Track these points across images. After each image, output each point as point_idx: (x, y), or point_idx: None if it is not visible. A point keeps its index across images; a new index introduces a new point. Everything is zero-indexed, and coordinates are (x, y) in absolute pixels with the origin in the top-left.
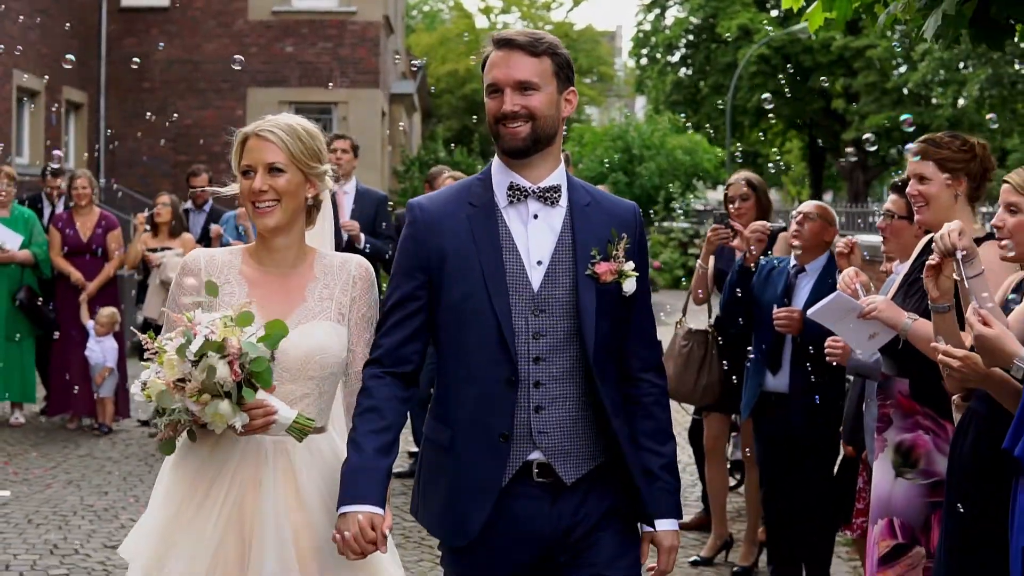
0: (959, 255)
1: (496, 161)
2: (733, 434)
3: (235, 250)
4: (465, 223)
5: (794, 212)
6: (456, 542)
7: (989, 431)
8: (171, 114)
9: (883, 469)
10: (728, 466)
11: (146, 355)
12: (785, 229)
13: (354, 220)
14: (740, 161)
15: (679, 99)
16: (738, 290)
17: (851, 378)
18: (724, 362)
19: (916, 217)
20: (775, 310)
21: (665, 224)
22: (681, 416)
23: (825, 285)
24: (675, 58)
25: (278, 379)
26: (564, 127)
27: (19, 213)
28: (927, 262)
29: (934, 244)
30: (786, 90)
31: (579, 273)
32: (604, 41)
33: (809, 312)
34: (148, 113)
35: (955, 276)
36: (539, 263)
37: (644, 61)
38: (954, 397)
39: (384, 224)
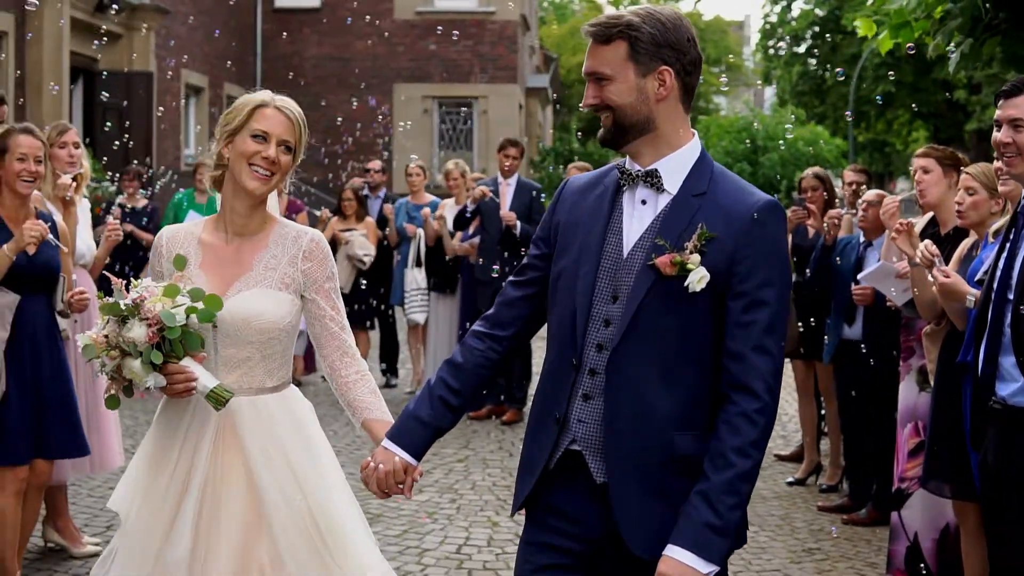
0: (936, 264)
1: None
2: None
3: (198, 221)
4: (588, 202)
5: (860, 201)
6: (511, 512)
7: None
8: (322, 108)
9: (909, 387)
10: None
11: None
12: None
13: (512, 211)
14: (866, 150)
15: (805, 89)
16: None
17: None
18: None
19: (920, 200)
20: (853, 287)
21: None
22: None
23: None
24: (801, 49)
25: (220, 343)
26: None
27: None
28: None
29: (920, 256)
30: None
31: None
32: (732, 31)
33: (859, 275)
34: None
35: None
36: (633, 249)
37: (771, 52)
38: (926, 328)
39: (537, 211)
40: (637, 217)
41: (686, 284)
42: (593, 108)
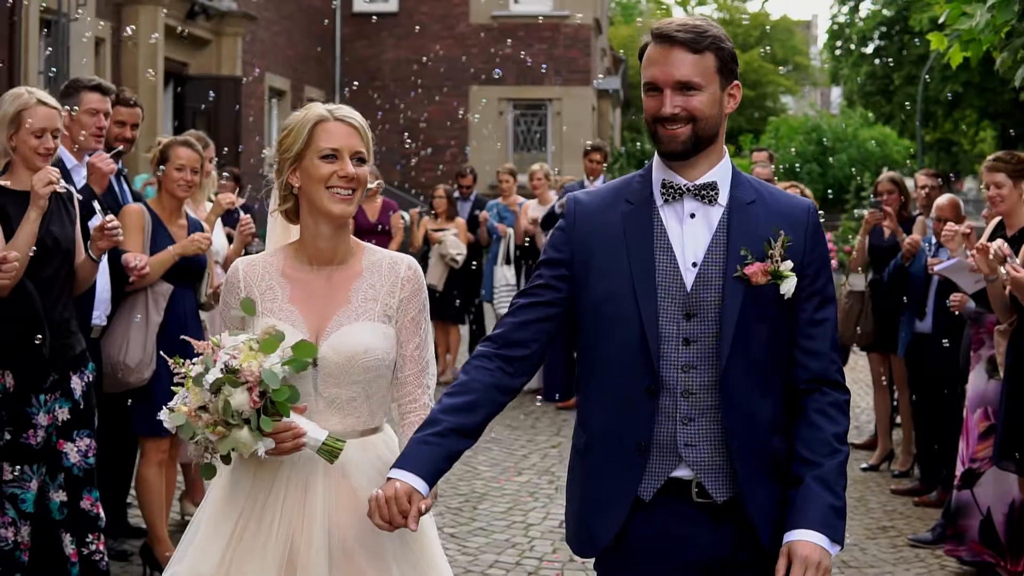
0: (1008, 260)
1: (656, 158)
2: None
3: (276, 251)
4: (619, 220)
5: (935, 208)
6: (582, 554)
7: None
8: (399, 110)
9: (979, 375)
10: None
11: (175, 379)
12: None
13: None
14: (933, 150)
15: (872, 90)
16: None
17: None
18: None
19: (994, 210)
20: (950, 297)
21: (856, 212)
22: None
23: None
24: (869, 50)
25: (322, 384)
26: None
27: None
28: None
29: (992, 255)
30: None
31: (730, 274)
32: (799, 31)
33: (936, 268)
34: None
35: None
36: (694, 264)
37: (838, 53)
38: (999, 327)
39: None
40: (690, 231)
41: (782, 292)
42: (671, 117)
